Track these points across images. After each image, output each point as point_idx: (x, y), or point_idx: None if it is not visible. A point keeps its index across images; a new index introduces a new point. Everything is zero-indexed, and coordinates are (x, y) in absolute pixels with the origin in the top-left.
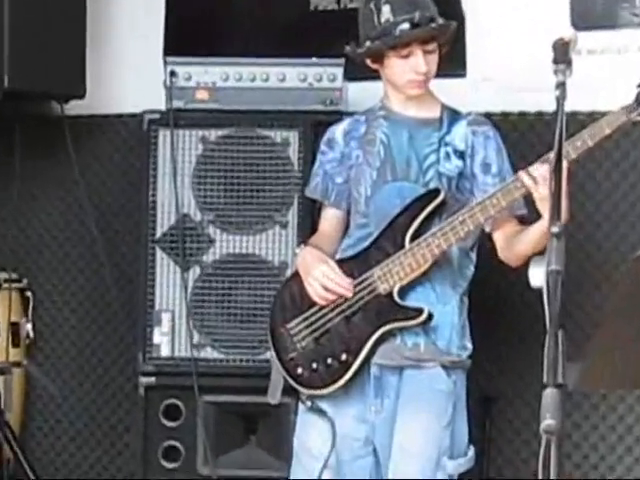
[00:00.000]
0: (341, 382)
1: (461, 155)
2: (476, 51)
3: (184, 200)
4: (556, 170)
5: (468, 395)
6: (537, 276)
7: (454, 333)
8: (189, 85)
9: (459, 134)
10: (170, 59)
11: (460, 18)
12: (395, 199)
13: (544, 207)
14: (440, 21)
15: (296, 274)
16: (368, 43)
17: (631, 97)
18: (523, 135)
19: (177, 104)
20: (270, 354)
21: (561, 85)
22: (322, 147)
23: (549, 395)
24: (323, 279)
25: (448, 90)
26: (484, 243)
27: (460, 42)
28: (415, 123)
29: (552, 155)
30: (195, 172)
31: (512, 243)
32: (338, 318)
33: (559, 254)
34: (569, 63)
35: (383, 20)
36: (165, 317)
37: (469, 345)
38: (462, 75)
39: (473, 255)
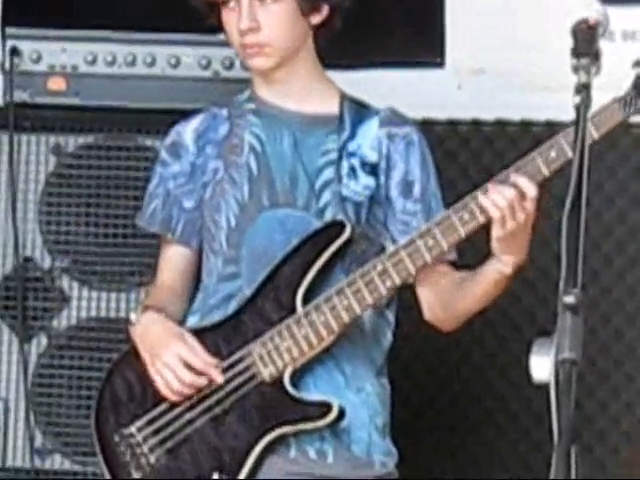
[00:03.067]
0: None
1: (372, 170)
2: (459, 30)
3: (26, 238)
4: (575, 212)
5: None
6: (542, 367)
7: (375, 433)
8: (38, 69)
9: (368, 139)
10: (10, 30)
11: None
12: (276, 234)
13: (507, 245)
14: None
15: (132, 353)
16: None
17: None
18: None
19: (20, 97)
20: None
21: (584, 88)
22: (163, 155)
23: None
24: (178, 366)
25: (416, 86)
26: (402, 296)
27: (435, 15)
28: (302, 122)
29: (516, 175)
30: (44, 197)
31: (449, 298)
32: (203, 419)
33: (575, 336)
34: (596, 56)
35: None
36: None
37: (393, 450)
38: (438, 65)
39: (390, 315)
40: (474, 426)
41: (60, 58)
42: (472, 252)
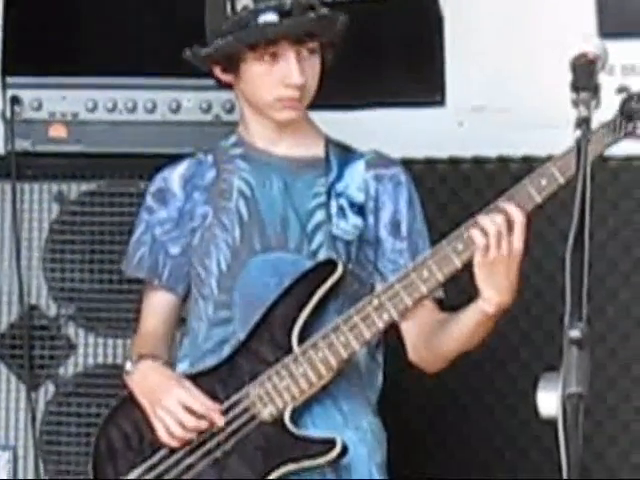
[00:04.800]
0: None
1: (360, 210)
2: (460, 68)
3: (32, 286)
4: (578, 247)
5: None
6: (549, 402)
7: (374, 469)
8: (39, 117)
9: (355, 181)
10: (11, 79)
11: (436, 19)
12: (268, 278)
13: (489, 278)
14: (322, 11)
15: (129, 400)
16: (218, 41)
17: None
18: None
19: (22, 145)
20: None
21: (583, 122)
22: (148, 202)
23: None
24: (178, 411)
25: (418, 125)
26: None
27: (437, 55)
28: (290, 166)
29: (504, 202)
30: (48, 245)
31: (433, 337)
32: (204, 463)
33: (581, 370)
34: (595, 90)
35: (240, 8)
36: (2, 457)
37: None
38: (439, 103)
39: (379, 357)
40: (484, 465)
41: (61, 106)
42: (456, 293)
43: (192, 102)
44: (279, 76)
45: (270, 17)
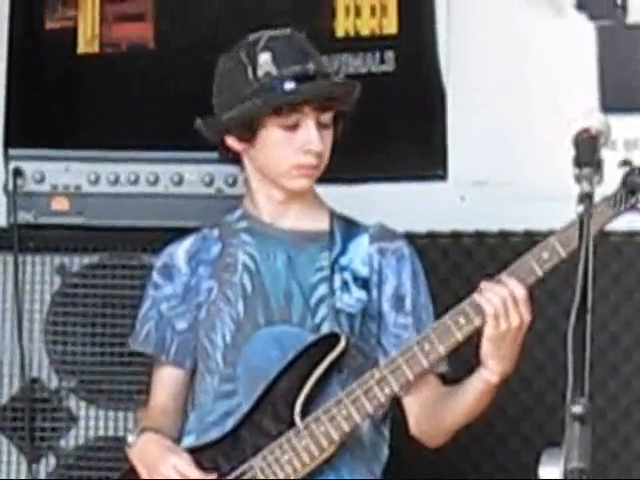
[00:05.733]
0: None
1: (364, 284)
2: (462, 142)
3: (33, 358)
4: (580, 322)
5: None
6: (551, 477)
7: None
8: (41, 190)
9: (359, 254)
10: (13, 152)
11: (438, 93)
12: (272, 351)
13: (495, 349)
14: (340, 78)
15: (130, 473)
16: (238, 107)
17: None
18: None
19: (24, 217)
20: None
21: (586, 198)
22: (155, 277)
23: None
24: (175, 477)
25: (420, 199)
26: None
27: (439, 129)
28: (295, 239)
29: (506, 277)
30: (49, 317)
31: (435, 411)
32: None
33: (583, 446)
34: (598, 165)
35: (262, 74)
36: None
37: None
38: (441, 177)
39: (385, 430)
40: None
41: (63, 178)
42: (459, 365)
43: (194, 175)
44: (300, 143)
45: (295, 82)
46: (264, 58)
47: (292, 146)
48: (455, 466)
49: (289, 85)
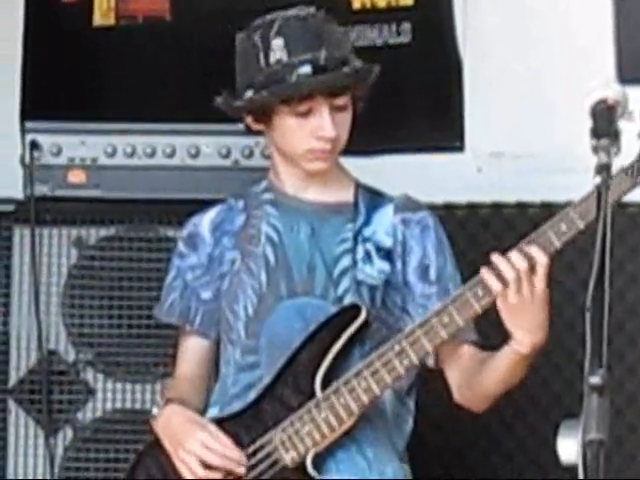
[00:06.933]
0: None
1: (387, 255)
2: (479, 114)
3: (50, 331)
4: (598, 294)
5: None
6: (569, 449)
7: None
8: (58, 162)
9: (383, 225)
10: (30, 124)
11: (455, 64)
12: (294, 323)
13: (516, 320)
14: (356, 63)
15: (155, 445)
16: (250, 93)
17: None
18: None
19: (41, 190)
20: None
21: (604, 169)
22: (180, 247)
23: None
24: (202, 451)
25: (437, 171)
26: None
27: (456, 101)
28: (319, 211)
29: (527, 245)
30: (66, 290)
31: (474, 378)
32: None
33: (601, 417)
34: (615, 136)
35: (273, 60)
36: None
37: None
38: (458, 149)
39: (410, 402)
40: None
41: (80, 151)
42: (497, 333)
43: (211, 147)
44: (312, 129)
45: (305, 72)
46: (277, 43)
47: (304, 132)
48: (474, 440)
49: (298, 74)
